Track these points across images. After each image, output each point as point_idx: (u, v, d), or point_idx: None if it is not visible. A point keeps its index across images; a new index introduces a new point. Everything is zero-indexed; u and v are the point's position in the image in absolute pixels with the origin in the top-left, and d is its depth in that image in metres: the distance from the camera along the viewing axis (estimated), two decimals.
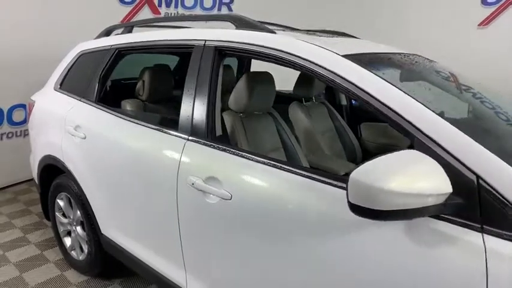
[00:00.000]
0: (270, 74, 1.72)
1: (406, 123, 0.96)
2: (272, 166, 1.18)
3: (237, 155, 1.28)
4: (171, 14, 4.65)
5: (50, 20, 3.32)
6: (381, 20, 4.49)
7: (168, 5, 4.65)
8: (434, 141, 0.91)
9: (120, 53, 1.95)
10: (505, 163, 0.85)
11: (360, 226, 0.97)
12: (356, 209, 0.83)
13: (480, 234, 0.84)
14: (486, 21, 4.11)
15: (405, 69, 1.47)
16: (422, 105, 0.97)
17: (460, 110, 1.27)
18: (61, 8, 3.40)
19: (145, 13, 4.50)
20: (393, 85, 1.03)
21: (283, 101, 2.26)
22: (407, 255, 0.91)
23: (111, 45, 1.98)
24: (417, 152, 0.87)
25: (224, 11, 4.95)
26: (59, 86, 2.27)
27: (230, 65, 2.84)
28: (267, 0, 4.94)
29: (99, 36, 2.20)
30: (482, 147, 0.88)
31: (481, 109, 1.36)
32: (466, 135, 0.90)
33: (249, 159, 1.24)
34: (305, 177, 1.10)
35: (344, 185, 0.88)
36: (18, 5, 3.15)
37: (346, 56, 1.16)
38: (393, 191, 0.79)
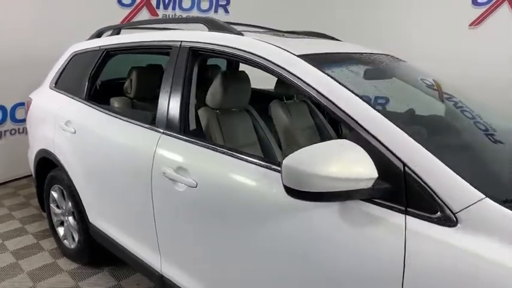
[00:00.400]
0: (245, 73, 1.83)
1: (343, 114, 1.06)
2: (232, 156, 1.28)
3: (204, 147, 1.39)
4: (168, 15, 4.78)
5: (50, 21, 3.46)
6: (373, 21, 4.56)
7: (166, 7, 4.78)
8: (367, 131, 1.01)
9: (108, 54, 2.07)
10: (429, 153, 0.94)
11: (304, 209, 1.07)
12: (289, 191, 0.93)
13: (403, 215, 0.93)
14: (477, 22, 4.15)
15: (366, 67, 1.57)
16: (359, 99, 1.07)
17: (409, 104, 1.36)
18: (61, 10, 3.54)
19: (144, 15, 4.63)
20: (336, 81, 1.13)
21: (266, 99, 2.37)
22: (342, 235, 1.01)
23: (100, 46, 2.11)
24: (347, 141, 0.97)
25: (221, 12, 5.06)
26: (54, 85, 2.41)
27: (218, 65, 2.95)
28: (263, 2, 5.03)
29: (91, 37, 2.33)
30: (411, 138, 0.97)
31: (432, 104, 1.45)
32: (397, 127, 1.00)
33: (214, 150, 1.35)
34: (260, 166, 1.20)
35: None
36: (20, 8, 3.30)
37: (300, 56, 1.26)
38: (320, 175, 0.89)
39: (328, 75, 1.17)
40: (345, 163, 0.91)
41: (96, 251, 2.17)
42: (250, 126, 1.92)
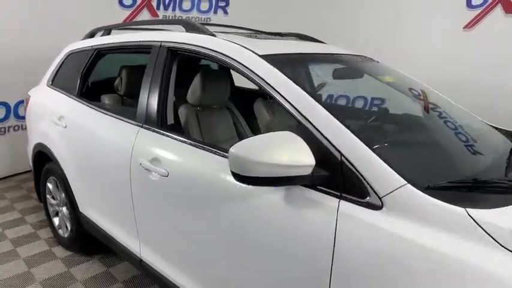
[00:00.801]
0: (225, 72, 1.94)
1: (294, 109, 1.16)
2: (200, 148, 1.39)
3: (176, 140, 1.50)
4: (169, 16, 4.92)
5: (53, 22, 3.60)
6: (368, 22, 4.63)
7: (166, 8, 4.93)
8: (311, 123, 1.11)
9: (99, 53, 2.21)
10: (363, 144, 1.04)
11: (256, 195, 1.18)
12: (235, 176, 1.04)
13: (338, 200, 1.03)
14: (471, 24, 4.19)
15: (335, 67, 1.66)
16: (306, 94, 1.17)
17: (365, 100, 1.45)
18: (64, 11, 3.70)
19: (145, 15, 4.78)
20: (291, 79, 1.23)
21: (253, 97, 2.47)
22: (286, 216, 1.11)
23: (92, 46, 2.24)
24: (288, 132, 1.07)
25: (220, 14, 5.18)
26: (50, 83, 2.55)
27: (209, 65, 3.06)
28: (261, 4, 5.13)
29: (85, 37, 2.46)
30: (348, 130, 1.07)
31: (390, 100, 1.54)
32: (336, 120, 1.09)
33: (185, 143, 1.46)
34: (222, 156, 1.31)
35: None
36: (24, 10, 3.47)
37: (263, 56, 1.36)
38: (260, 162, 0.99)
39: (286, 74, 1.27)
40: (285, 151, 1.01)
41: (86, 239, 2.30)
42: (230, 123, 2.03)
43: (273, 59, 1.35)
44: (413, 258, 0.89)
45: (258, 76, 1.30)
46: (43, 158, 2.50)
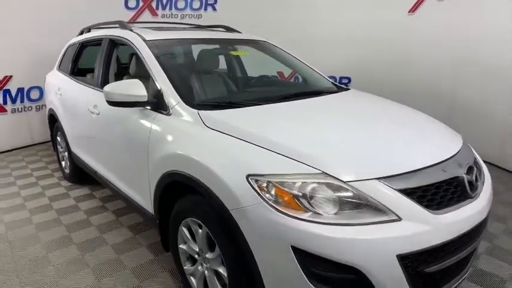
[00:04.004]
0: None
1: (148, 67, 2.11)
2: None
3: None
4: (166, 14, 5.96)
5: (66, 23, 4.59)
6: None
7: (164, 8, 5.95)
8: (153, 75, 2.04)
9: (82, 45, 3.29)
10: (171, 86, 1.95)
11: (127, 116, 2.14)
12: (108, 102, 2.00)
13: (155, 113, 1.96)
14: (414, 8, 4.75)
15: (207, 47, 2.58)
16: (156, 61, 2.10)
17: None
18: (76, 14, 4.80)
19: (146, 15, 5.86)
20: (153, 53, 2.16)
21: None
22: (135, 125, 2.06)
23: (78, 41, 3.33)
24: (137, 79, 1.99)
25: (209, 10, 6.12)
26: (58, 67, 3.69)
27: None
28: (246, 0, 5.95)
29: (78, 34, 3.56)
30: (167, 78, 1.99)
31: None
32: (164, 74, 2.01)
33: None
34: None
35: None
36: (46, 15, 4.67)
37: (147, 40, 2.30)
38: (118, 93, 1.94)
39: (155, 54, 2.19)
40: (133, 88, 1.95)
41: (79, 172, 3.41)
42: None
43: (152, 42, 2.29)
44: (173, 131, 1.81)
45: (139, 51, 2.25)
46: (53, 120, 3.65)
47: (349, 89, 2.54)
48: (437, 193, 1.39)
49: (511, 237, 2.52)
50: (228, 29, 3.23)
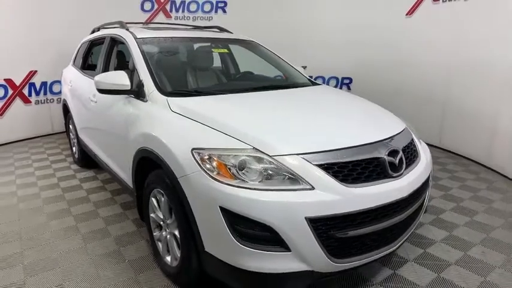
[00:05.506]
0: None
1: (134, 60, 2.42)
2: None
3: None
4: (179, 17, 6.33)
5: (86, 23, 5.07)
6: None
7: (177, 10, 6.33)
8: (136, 68, 2.35)
9: (92, 43, 3.67)
10: (150, 76, 2.25)
11: (114, 102, 2.46)
12: (97, 90, 2.32)
13: (137, 100, 2.27)
14: (411, 10, 4.86)
15: (195, 45, 2.87)
16: (141, 55, 2.41)
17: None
18: (95, 16, 5.23)
19: (161, 17, 6.26)
20: (141, 50, 2.47)
21: None
22: (121, 110, 2.37)
23: (89, 39, 3.72)
24: (122, 71, 2.30)
25: (220, 13, 6.45)
26: (73, 63, 4.12)
27: None
28: (254, 3, 6.24)
29: (90, 33, 3.96)
30: (147, 70, 2.29)
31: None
32: (146, 67, 2.32)
33: None
34: None
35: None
36: (69, 16, 5.15)
37: (138, 38, 2.62)
38: (106, 82, 2.25)
39: (141, 49, 2.50)
40: (118, 78, 2.26)
41: (85, 157, 3.79)
42: None
43: (142, 39, 2.61)
44: (146, 114, 2.10)
45: (130, 47, 2.58)
46: (66, 109, 4.07)
47: (320, 85, 2.76)
48: (355, 170, 1.60)
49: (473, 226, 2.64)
50: (221, 30, 3.52)
